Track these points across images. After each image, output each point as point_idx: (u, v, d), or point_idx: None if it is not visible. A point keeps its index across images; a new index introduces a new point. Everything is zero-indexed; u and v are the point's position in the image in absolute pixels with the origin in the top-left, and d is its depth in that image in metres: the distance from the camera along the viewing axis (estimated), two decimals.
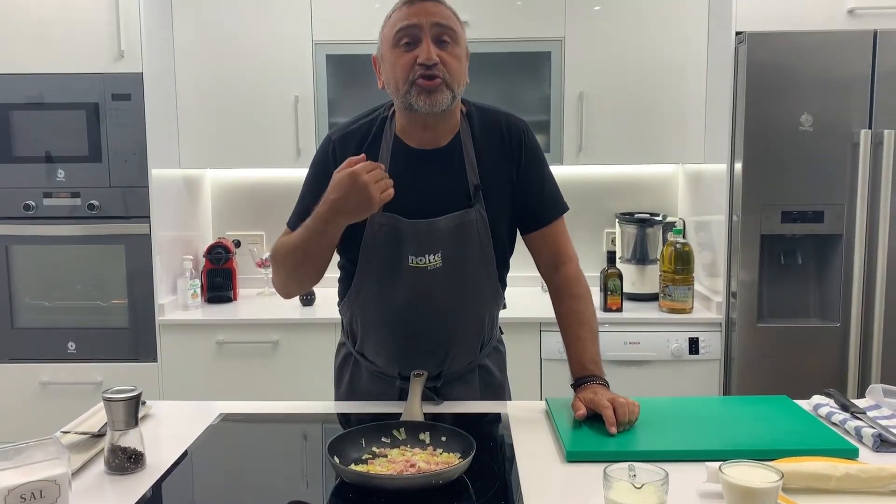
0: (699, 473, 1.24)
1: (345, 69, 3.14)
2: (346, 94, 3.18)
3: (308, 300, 3.11)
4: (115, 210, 2.91)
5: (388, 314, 1.64)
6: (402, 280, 1.60)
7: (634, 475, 1.09)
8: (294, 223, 1.65)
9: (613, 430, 1.42)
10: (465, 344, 1.69)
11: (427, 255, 1.58)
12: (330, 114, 3.10)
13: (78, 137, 2.88)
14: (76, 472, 1.30)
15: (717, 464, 1.16)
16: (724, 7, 2.83)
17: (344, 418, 1.64)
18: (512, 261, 1.74)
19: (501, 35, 3.04)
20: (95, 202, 2.90)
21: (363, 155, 1.46)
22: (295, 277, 1.61)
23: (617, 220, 3.24)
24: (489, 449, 1.43)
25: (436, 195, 1.59)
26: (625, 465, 1.10)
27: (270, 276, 3.33)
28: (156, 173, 2.93)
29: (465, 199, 1.60)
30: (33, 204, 2.90)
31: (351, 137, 1.63)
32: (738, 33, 2.73)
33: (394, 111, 1.63)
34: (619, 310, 2.94)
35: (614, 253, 3.04)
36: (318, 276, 1.60)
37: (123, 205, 2.91)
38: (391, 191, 1.44)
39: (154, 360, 2.96)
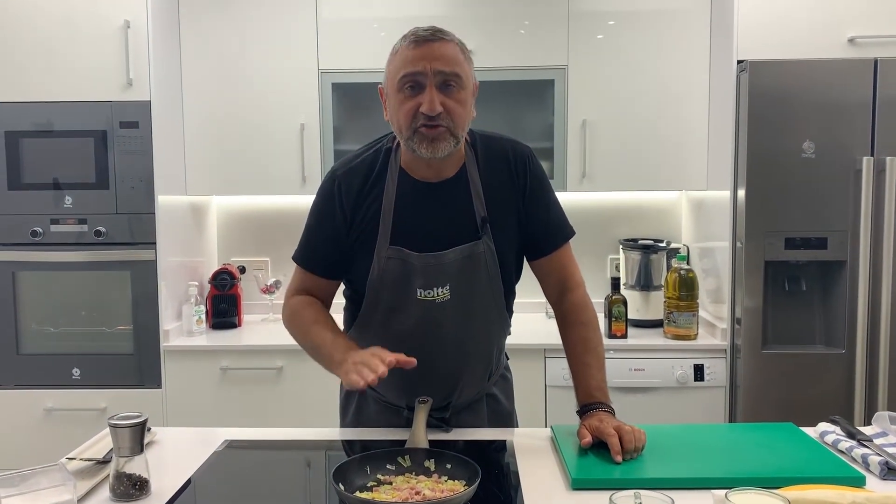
0: (705, 501, 1.23)
1: (350, 97, 3.18)
2: (351, 121, 3.22)
3: None
4: (121, 236, 2.93)
5: (395, 347, 1.62)
6: (411, 313, 1.59)
7: (640, 503, 1.09)
8: (300, 258, 1.68)
9: (619, 458, 1.41)
10: (474, 375, 1.69)
11: (436, 288, 1.58)
12: (336, 141, 3.13)
13: (86, 164, 2.91)
14: (81, 499, 1.30)
15: (723, 492, 1.15)
16: (725, 35, 2.86)
17: (348, 445, 1.64)
18: (517, 287, 1.73)
19: (505, 63, 3.07)
20: (102, 228, 2.92)
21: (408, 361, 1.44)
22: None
23: (621, 246, 3.25)
24: (494, 476, 1.42)
25: (443, 227, 1.59)
26: (630, 492, 1.10)
27: (275, 301, 3.33)
28: (162, 200, 2.96)
29: (473, 231, 1.60)
30: (40, 230, 2.92)
31: (355, 173, 1.63)
32: (739, 61, 2.75)
33: (398, 142, 1.64)
34: (624, 336, 2.94)
35: (618, 279, 3.04)
36: None
37: (130, 231, 2.93)
38: (357, 379, 1.40)
39: (158, 386, 2.96)
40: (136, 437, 1.29)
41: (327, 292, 1.71)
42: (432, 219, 1.60)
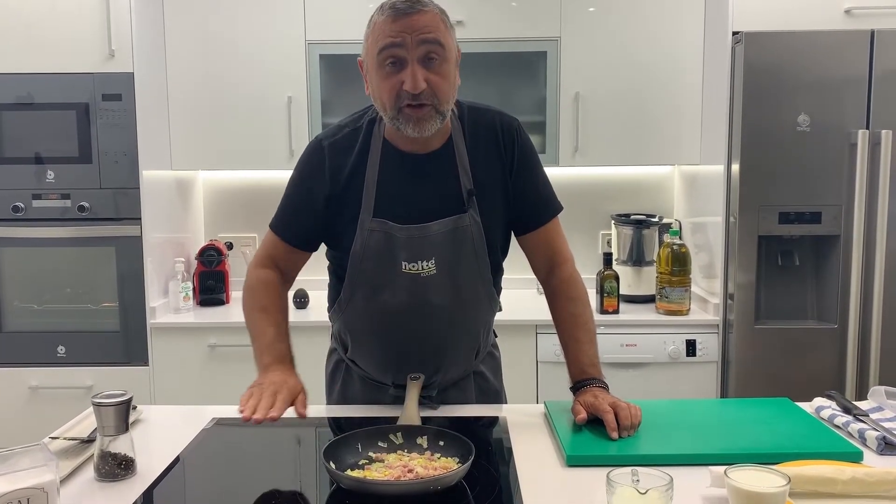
0: (702, 478, 1.22)
1: (338, 69, 3.12)
2: (339, 94, 3.16)
3: (302, 303, 3.08)
4: (105, 212, 2.88)
5: (380, 323, 1.60)
6: (395, 287, 1.56)
7: (638, 480, 1.07)
8: (277, 226, 1.65)
9: (615, 434, 1.39)
10: (461, 352, 1.66)
11: (420, 262, 1.55)
12: (323, 114, 3.07)
13: (68, 138, 2.85)
14: (65, 479, 1.27)
15: (721, 468, 1.13)
16: (720, 6, 2.81)
17: (338, 423, 1.61)
18: (507, 263, 1.71)
19: (496, 35, 3.02)
20: (86, 204, 2.86)
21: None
22: None
23: (613, 221, 3.22)
24: (488, 453, 1.40)
25: (428, 200, 1.56)
26: (628, 469, 1.08)
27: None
28: (147, 174, 2.90)
29: (459, 204, 1.56)
30: (22, 205, 2.86)
31: (340, 144, 1.59)
32: (734, 33, 2.71)
33: None
34: (616, 312, 2.92)
35: (610, 255, 3.02)
36: None
37: (114, 206, 2.88)
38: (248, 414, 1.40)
39: (145, 363, 2.92)
40: (121, 415, 1.26)
41: (295, 264, 1.67)
42: (417, 191, 1.56)
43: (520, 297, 3.06)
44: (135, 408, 1.55)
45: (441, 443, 1.34)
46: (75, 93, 2.83)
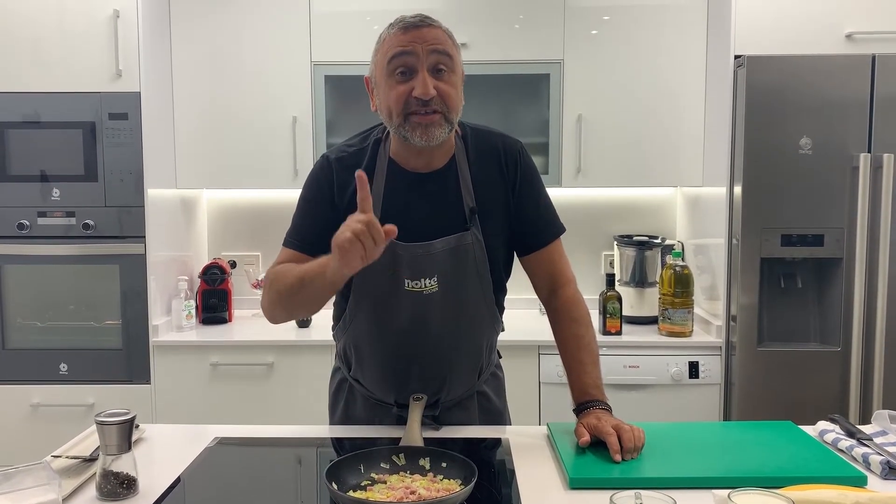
0: (706, 501, 1.21)
1: (343, 90, 3.14)
2: (344, 114, 3.18)
3: (304, 322, 3.08)
4: (110, 230, 2.89)
5: (383, 340, 1.61)
6: (398, 305, 1.57)
7: (641, 503, 1.06)
8: (291, 240, 1.63)
9: (618, 457, 1.39)
10: (463, 370, 1.66)
11: (423, 279, 1.55)
12: (328, 134, 3.09)
13: (74, 156, 2.87)
14: (67, 498, 1.26)
15: (725, 492, 1.13)
16: (722, 30, 2.84)
17: (340, 443, 1.61)
18: (510, 283, 1.71)
19: (500, 57, 3.04)
20: (90, 221, 2.87)
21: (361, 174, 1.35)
22: (289, 311, 1.58)
23: (615, 242, 3.23)
24: (490, 475, 1.40)
25: (431, 218, 1.57)
26: (631, 492, 1.08)
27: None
28: (152, 193, 2.91)
29: (461, 222, 1.58)
30: (27, 223, 2.87)
31: (346, 161, 1.60)
32: (737, 56, 2.73)
33: (388, 133, 1.61)
34: (619, 333, 2.92)
35: (613, 276, 3.02)
36: (315, 311, 1.58)
37: (118, 224, 2.89)
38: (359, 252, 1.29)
39: (147, 381, 2.92)
40: (124, 434, 1.26)
41: None
42: (421, 209, 1.57)
43: (522, 317, 3.06)
44: (137, 426, 1.55)
45: (444, 464, 1.34)
46: (82, 112, 2.85)
